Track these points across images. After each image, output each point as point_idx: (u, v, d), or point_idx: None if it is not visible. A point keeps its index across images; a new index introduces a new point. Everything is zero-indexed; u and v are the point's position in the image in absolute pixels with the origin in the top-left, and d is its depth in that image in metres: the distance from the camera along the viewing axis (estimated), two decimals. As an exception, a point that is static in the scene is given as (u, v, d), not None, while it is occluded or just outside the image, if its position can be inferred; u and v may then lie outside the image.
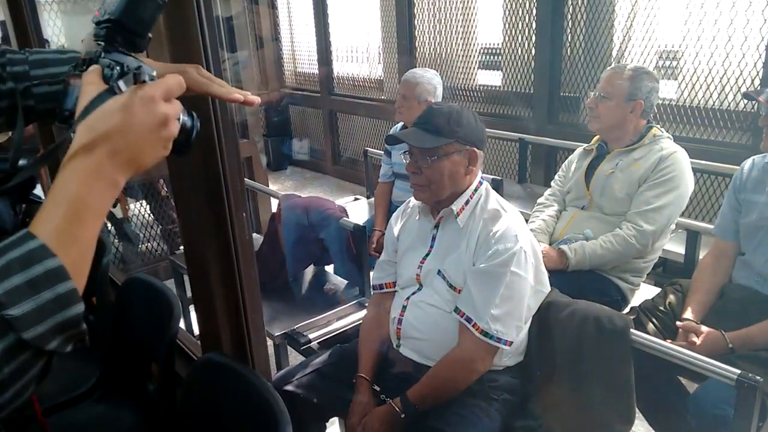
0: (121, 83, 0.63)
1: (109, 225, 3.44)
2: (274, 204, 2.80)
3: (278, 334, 2.09)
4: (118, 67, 0.65)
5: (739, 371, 1.29)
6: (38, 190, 0.74)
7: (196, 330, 2.71)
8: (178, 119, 0.66)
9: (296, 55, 6.34)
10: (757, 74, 2.82)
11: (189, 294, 2.78)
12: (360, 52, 5.57)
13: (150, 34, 0.69)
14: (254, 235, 3.11)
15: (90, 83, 0.64)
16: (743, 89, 2.90)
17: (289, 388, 1.57)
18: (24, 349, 0.53)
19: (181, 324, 2.51)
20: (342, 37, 5.58)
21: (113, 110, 0.61)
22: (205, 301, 1.12)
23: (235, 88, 0.80)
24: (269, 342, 2.16)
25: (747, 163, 1.83)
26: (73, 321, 0.56)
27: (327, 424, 1.80)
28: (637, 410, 1.52)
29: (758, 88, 2.80)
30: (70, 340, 0.56)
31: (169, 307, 1.17)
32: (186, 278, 2.87)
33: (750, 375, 1.27)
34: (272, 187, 3.96)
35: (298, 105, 6.31)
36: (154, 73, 0.65)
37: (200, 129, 0.71)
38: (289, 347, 2.19)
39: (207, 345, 1.19)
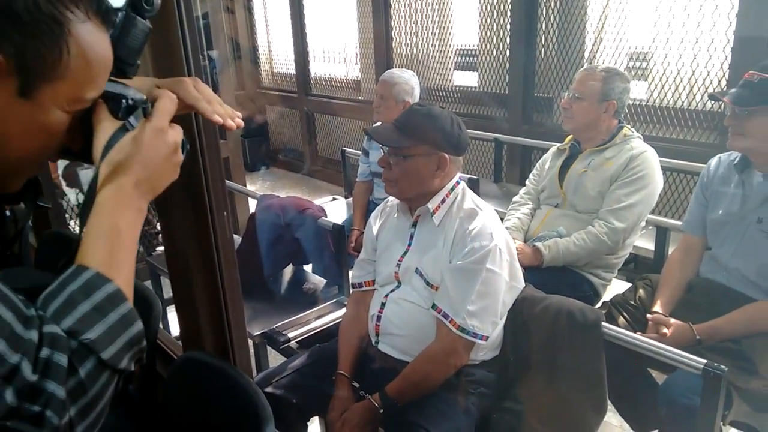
0: (132, 120, 0.68)
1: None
2: (253, 204, 2.80)
3: (257, 333, 2.09)
4: (124, 101, 0.68)
5: (705, 361, 1.33)
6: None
7: (174, 331, 2.71)
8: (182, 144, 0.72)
9: (273, 56, 6.32)
10: (724, 75, 2.91)
11: (166, 295, 2.79)
12: (337, 53, 5.58)
13: (139, 61, 0.72)
14: (233, 236, 3.10)
15: (102, 120, 0.68)
16: (710, 90, 2.99)
17: (269, 389, 1.58)
18: (104, 370, 0.59)
19: (161, 324, 2.51)
20: (319, 38, 5.59)
21: (130, 145, 0.67)
22: (186, 300, 1.13)
23: (221, 108, 0.83)
24: (249, 342, 2.18)
25: (713, 161, 1.89)
26: (137, 338, 0.62)
27: (308, 424, 1.81)
28: (609, 401, 1.57)
29: (724, 88, 2.88)
30: (134, 357, 0.63)
31: (149, 306, 1.18)
32: (164, 279, 2.86)
33: (715, 365, 1.32)
34: (250, 187, 3.95)
35: (274, 105, 6.30)
36: (144, 97, 0.70)
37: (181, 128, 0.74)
38: (268, 347, 2.20)
39: (188, 344, 1.20)
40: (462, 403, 1.50)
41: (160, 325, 2.66)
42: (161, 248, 2.92)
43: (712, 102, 2.83)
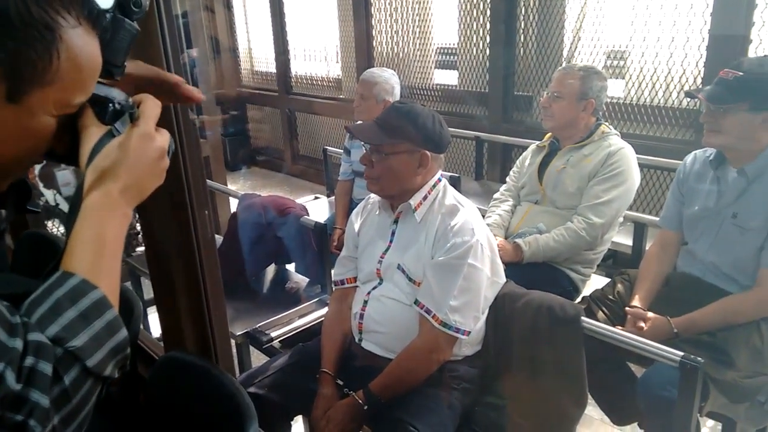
0: (119, 125, 0.68)
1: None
2: (234, 204, 2.79)
3: (240, 333, 2.08)
4: (110, 105, 0.68)
5: (682, 354, 1.36)
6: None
7: (155, 332, 2.68)
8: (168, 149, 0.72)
9: (253, 54, 6.29)
10: (699, 73, 2.96)
11: (147, 296, 2.77)
12: (318, 52, 5.56)
13: (126, 63, 0.71)
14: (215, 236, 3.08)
15: (88, 126, 0.68)
16: (686, 87, 3.04)
17: (252, 389, 1.57)
18: (87, 378, 0.59)
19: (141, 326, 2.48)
20: (300, 37, 5.57)
21: (117, 151, 0.67)
22: (167, 300, 1.12)
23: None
24: (231, 342, 2.17)
25: (689, 158, 1.92)
26: (122, 345, 0.62)
27: (292, 423, 1.81)
28: (589, 395, 1.60)
29: (700, 86, 2.94)
30: (118, 364, 0.63)
31: (130, 308, 1.17)
32: (144, 281, 2.83)
33: (692, 357, 1.35)
34: (231, 187, 3.92)
35: (255, 104, 6.26)
36: (131, 101, 0.70)
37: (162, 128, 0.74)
38: (251, 347, 2.19)
39: (170, 344, 1.19)
40: (445, 398, 1.51)
41: (141, 326, 2.64)
42: (141, 249, 2.89)
43: (688, 99, 2.88)
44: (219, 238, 2.59)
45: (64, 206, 2.78)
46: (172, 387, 1.09)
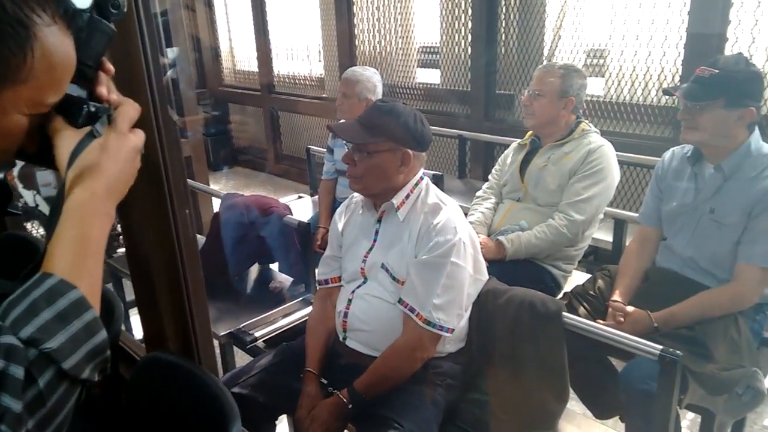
0: (98, 127, 0.69)
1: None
2: (217, 204, 2.77)
3: (223, 333, 2.08)
4: (85, 107, 0.67)
5: (661, 347, 1.38)
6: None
7: (137, 334, 2.66)
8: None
9: (235, 53, 6.25)
10: (677, 71, 3.01)
11: (128, 298, 2.74)
12: (300, 51, 5.55)
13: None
14: (197, 236, 3.06)
15: (61, 128, 0.68)
16: (665, 85, 3.08)
17: (236, 390, 1.57)
18: (63, 380, 0.57)
19: (123, 327, 2.46)
20: (282, 36, 5.55)
21: (98, 152, 0.67)
22: (149, 300, 1.11)
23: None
24: (215, 342, 2.16)
25: (667, 154, 1.95)
26: (101, 347, 0.61)
27: (276, 423, 1.81)
28: (571, 389, 1.61)
29: (678, 84, 2.98)
30: (97, 367, 0.61)
31: (110, 307, 1.16)
32: (125, 282, 2.80)
33: (671, 350, 1.36)
34: (214, 187, 3.90)
35: (237, 103, 6.23)
36: (107, 105, 0.71)
37: (141, 127, 0.75)
38: (235, 347, 2.19)
39: (151, 345, 1.18)
40: (429, 395, 1.52)
41: (123, 328, 2.61)
42: (122, 250, 2.87)
43: (666, 97, 2.92)
44: (202, 239, 2.58)
45: (44, 207, 2.74)
46: (154, 388, 1.08)
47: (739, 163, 1.73)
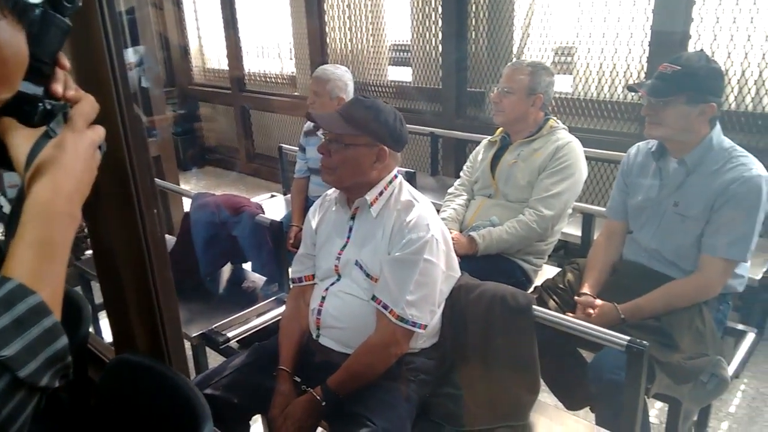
0: (54, 126, 0.67)
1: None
2: (188, 204, 2.74)
3: (195, 334, 2.06)
4: (41, 105, 0.65)
5: (628, 338, 1.41)
6: None
7: (107, 337, 2.61)
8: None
9: (204, 51, 6.17)
10: (643, 68, 3.07)
11: (98, 300, 2.69)
12: (271, 48, 5.51)
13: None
14: (167, 236, 3.02)
15: (14, 128, 0.66)
16: (630, 82, 3.14)
17: (208, 391, 1.55)
18: (19, 389, 0.55)
19: (92, 330, 2.41)
20: (252, 33, 5.50)
21: (56, 151, 0.65)
22: (117, 301, 1.10)
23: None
24: (187, 344, 2.13)
25: (633, 150, 2.00)
26: (61, 354, 0.59)
27: (251, 423, 1.80)
28: (542, 381, 1.64)
29: (643, 80, 3.04)
30: (58, 374, 0.59)
31: (78, 309, 1.14)
32: (94, 284, 2.75)
33: (638, 341, 1.40)
34: (185, 187, 3.85)
35: (208, 102, 6.15)
36: (63, 102, 0.69)
37: (105, 127, 0.73)
38: (207, 348, 2.16)
39: (121, 347, 1.17)
40: (403, 391, 1.53)
41: (92, 331, 2.57)
42: (90, 252, 2.81)
43: (632, 94, 2.98)
44: (172, 239, 2.55)
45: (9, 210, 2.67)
46: (123, 390, 1.07)
47: (701, 157, 1.77)
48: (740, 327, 2.04)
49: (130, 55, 3.52)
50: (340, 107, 1.63)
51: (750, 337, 1.97)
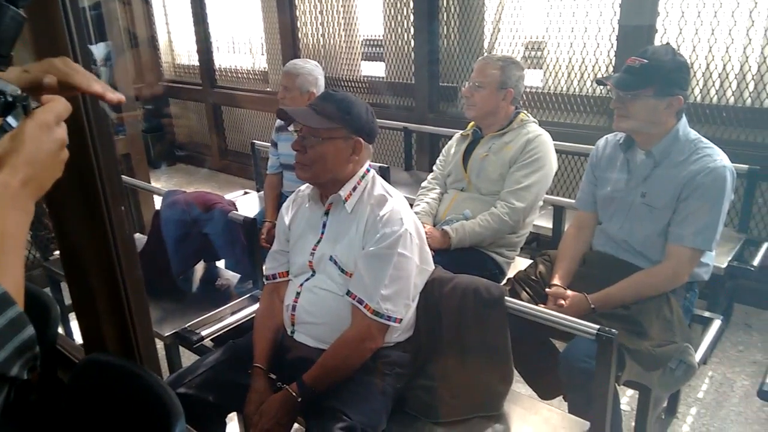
0: (10, 119, 0.65)
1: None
2: (159, 202, 2.71)
3: (168, 334, 2.03)
4: (1, 97, 0.64)
5: (598, 327, 1.44)
6: None
7: (78, 338, 2.57)
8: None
9: (174, 47, 6.07)
10: (611, 62, 3.12)
11: (68, 302, 2.64)
12: (242, 44, 5.45)
13: (12, 52, 0.68)
14: (138, 235, 2.98)
15: None
16: (599, 76, 3.19)
17: (181, 390, 1.53)
18: None
19: (61, 331, 2.37)
20: (222, 28, 5.43)
21: (12, 143, 0.64)
22: (85, 301, 1.08)
23: (98, 83, 0.81)
24: (160, 344, 2.10)
25: (601, 142, 2.03)
26: (29, 343, 0.58)
27: (226, 421, 1.79)
28: (516, 371, 1.66)
29: (611, 74, 3.08)
30: (27, 364, 0.59)
31: (46, 310, 1.12)
32: (64, 285, 2.70)
33: (607, 329, 1.42)
34: (156, 185, 3.79)
35: (178, 98, 6.06)
36: (24, 93, 0.67)
37: (70, 122, 0.72)
38: (181, 347, 2.14)
39: (90, 347, 1.15)
40: (378, 384, 1.53)
41: (63, 332, 2.52)
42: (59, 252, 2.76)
43: (601, 87, 3.03)
44: (144, 238, 2.52)
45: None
46: (94, 390, 1.05)
47: (667, 149, 1.81)
48: (707, 314, 2.10)
49: (98, 50, 3.45)
50: (311, 101, 1.62)
51: (716, 324, 2.03)
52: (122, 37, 4.53)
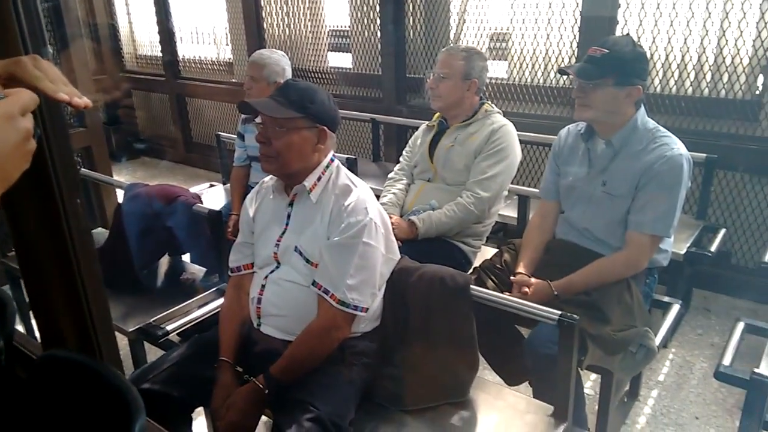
0: None
1: None
2: (122, 195, 2.65)
3: (132, 329, 2.00)
4: None
5: (559, 312, 1.47)
6: None
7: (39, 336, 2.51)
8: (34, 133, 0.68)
9: (136, 37, 5.93)
10: (574, 53, 3.16)
11: (28, 299, 2.57)
12: (206, 34, 5.35)
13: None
14: (100, 229, 2.92)
15: None
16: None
17: (146, 386, 1.51)
18: None
19: (22, 329, 2.31)
20: (185, 18, 5.32)
21: None
22: (42, 297, 1.05)
23: (66, 87, 0.79)
24: (124, 340, 2.07)
25: (563, 132, 2.06)
26: None
27: (193, 416, 1.77)
28: (483, 359, 1.69)
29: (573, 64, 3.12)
30: None
31: (2, 306, 1.09)
32: (24, 282, 2.63)
33: (569, 315, 1.46)
34: (120, 179, 3.71)
35: (141, 89, 5.93)
36: None
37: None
38: (147, 343, 2.11)
39: (48, 343, 1.12)
40: (346, 375, 1.54)
41: (24, 330, 2.46)
42: (17, 248, 2.68)
43: (565, 78, 3.07)
44: (107, 232, 2.47)
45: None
46: (52, 386, 1.03)
47: (626, 138, 1.84)
48: (666, 299, 2.15)
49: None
50: (273, 92, 1.60)
51: (675, 308, 2.08)
52: (81, 27, 4.41)
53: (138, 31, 5.88)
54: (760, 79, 2.79)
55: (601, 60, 1.78)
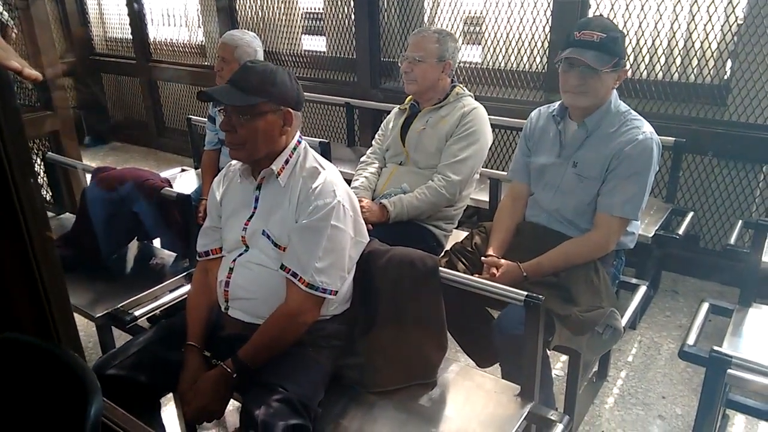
0: None
1: None
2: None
3: (100, 315, 1.97)
4: None
5: (526, 293, 1.48)
6: None
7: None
8: None
9: (105, 19, 5.78)
10: (546, 37, 3.17)
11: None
12: (178, 16, 5.24)
13: None
14: (68, 214, 2.86)
15: None
16: (535, 52, 3.24)
17: (112, 372, 1.49)
18: None
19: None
20: (156, 0, 5.21)
21: None
22: (-4, 281, 1.03)
23: (17, 58, 0.76)
24: (92, 325, 2.04)
25: (534, 113, 2.06)
26: None
27: (161, 402, 1.75)
28: (454, 341, 1.69)
29: (546, 50, 3.13)
30: None
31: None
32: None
33: (534, 295, 1.46)
34: (91, 164, 3.64)
35: (111, 73, 5.80)
36: None
37: None
38: (115, 329, 2.08)
39: (3, 327, 1.10)
40: (315, 357, 1.53)
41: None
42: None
43: (537, 62, 3.07)
44: (72, 217, 2.42)
45: None
46: (7, 370, 1.01)
47: (599, 121, 1.85)
48: (634, 281, 2.19)
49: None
50: (231, 77, 1.54)
51: (642, 289, 2.12)
52: (46, 7, 4.28)
53: (108, 13, 5.74)
54: (728, 64, 2.83)
55: (602, 45, 1.72)
